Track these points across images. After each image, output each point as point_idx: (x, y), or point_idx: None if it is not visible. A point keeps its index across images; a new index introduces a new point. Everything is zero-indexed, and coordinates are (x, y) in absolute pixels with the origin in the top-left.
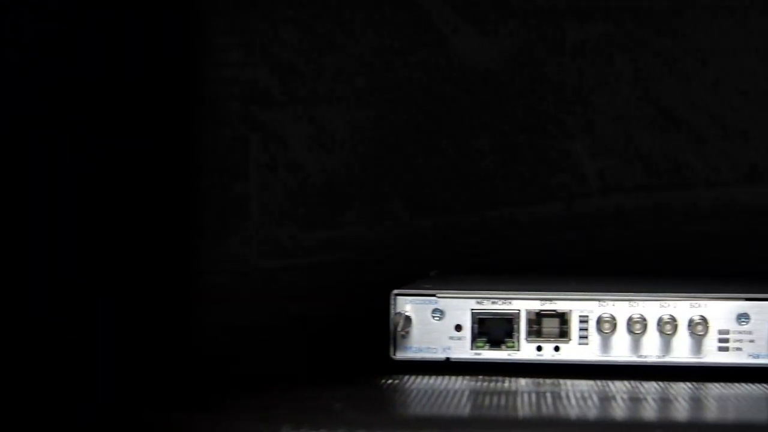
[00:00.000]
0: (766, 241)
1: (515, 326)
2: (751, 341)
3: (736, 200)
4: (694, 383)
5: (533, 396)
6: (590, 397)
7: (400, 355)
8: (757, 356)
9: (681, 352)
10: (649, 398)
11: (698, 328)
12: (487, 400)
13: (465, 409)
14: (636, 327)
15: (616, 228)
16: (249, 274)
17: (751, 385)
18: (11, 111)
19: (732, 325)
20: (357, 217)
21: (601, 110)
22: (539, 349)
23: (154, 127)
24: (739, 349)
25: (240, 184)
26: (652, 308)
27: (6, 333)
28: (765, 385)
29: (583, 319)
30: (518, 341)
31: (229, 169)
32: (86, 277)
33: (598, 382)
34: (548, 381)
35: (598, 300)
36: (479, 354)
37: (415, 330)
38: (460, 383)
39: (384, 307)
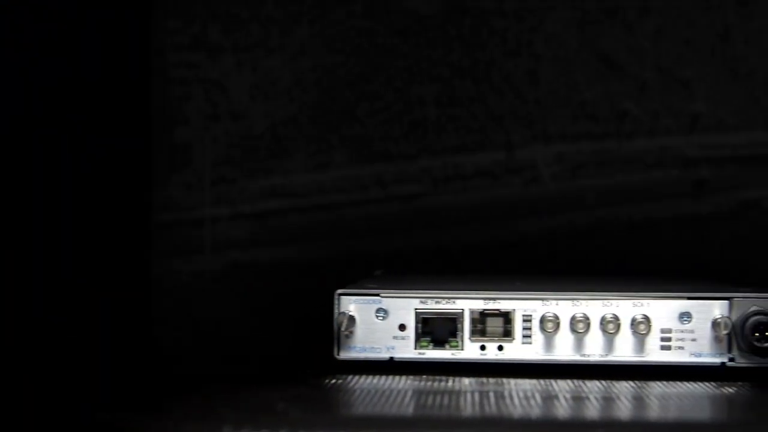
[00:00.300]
0: (706, 191)
1: (459, 326)
2: (693, 340)
3: (677, 149)
4: (637, 382)
5: (476, 395)
6: (533, 396)
7: (344, 355)
8: (699, 355)
9: (624, 351)
10: (591, 397)
11: (641, 327)
12: (430, 400)
13: (408, 409)
14: (579, 326)
15: (557, 176)
16: (194, 221)
17: (692, 383)
18: (11, 111)
19: (674, 324)
20: (300, 165)
21: (543, 58)
22: (483, 348)
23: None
24: (681, 348)
25: (182, 132)
26: (594, 307)
27: (6, 333)
28: (707, 383)
29: (527, 319)
30: (462, 341)
31: (172, 117)
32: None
33: (542, 381)
34: (492, 380)
35: (542, 299)
36: (423, 353)
37: (359, 330)
38: (404, 383)
39: (327, 257)
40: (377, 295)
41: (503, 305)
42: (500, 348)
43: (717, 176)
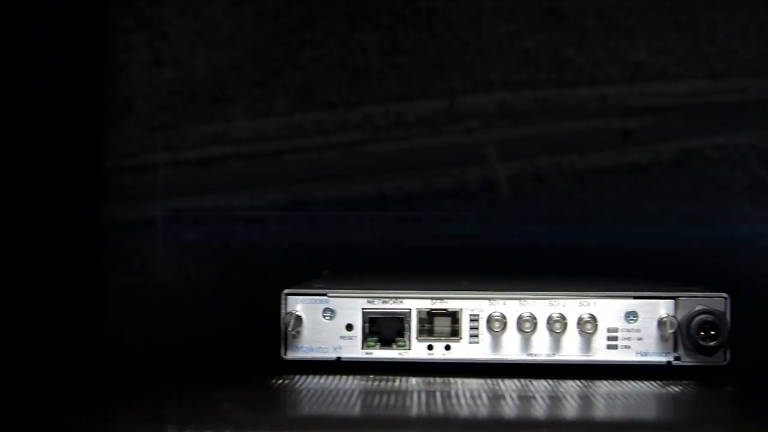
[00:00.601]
0: (645, 139)
1: (406, 325)
2: (639, 339)
3: (619, 98)
4: (583, 381)
5: (423, 395)
6: (480, 395)
7: (291, 355)
8: (645, 354)
9: (570, 350)
10: (538, 396)
11: (587, 326)
12: (377, 400)
13: (355, 409)
14: (526, 325)
15: (499, 124)
16: (137, 168)
17: (638, 382)
18: (11, 111)
19: (620, 324)
20: (242, 112)
21: (486, 6)
22: (430, 348)
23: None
24: (627, 347)
25: (124, 79)
26: (541, 307)
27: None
28: (652, 382)
29: (474, 318)
30: (409, 340)
31: (113, 64)
32: None
33: (489, 381)
34: (439, 380)
35: (489, 299)
36: (370, 353)
37: (306, 330)
38: (351, 383)
39: (269, 204)
40: (324, 295)
41: (450, 305)
42: (447, 347)
43: (659, 125)
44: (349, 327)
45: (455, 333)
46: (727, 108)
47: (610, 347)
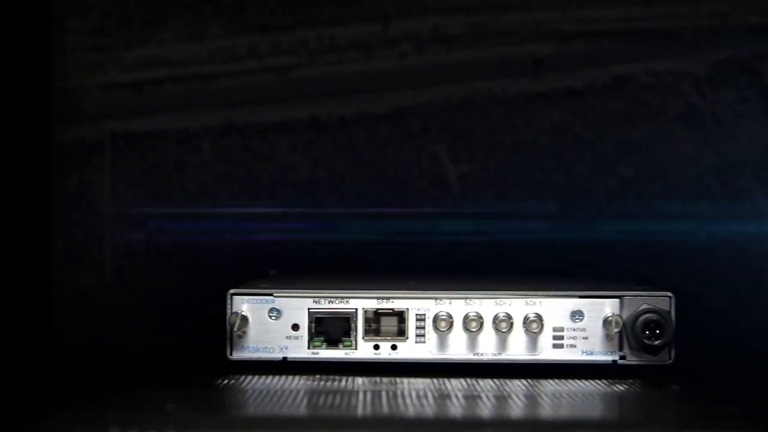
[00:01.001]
0: (579, 65)
1: (352, 325)
2: (585, 338)
3: (553, 23)
4: (530, 380)
5: (370, 395)
6: (426, 395)
7: (237, 355)
8: (591, 353)
9: (516, 350)
10: (484, 396)
11: (533, 325)
12: (323, 400)
13: (300, 409)
14: (472, 325)
15: (432, 48)
16: (69, 91)
17: (584, 381)
18: (11, 111)
19: (566, 323)
20: (175, 35)
21: None
22: (376, 347)
23: None
24: (573, 346)
25: (56, 2)
26: (487, 306)
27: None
28: (598, 381)
29: (420, 318)
30: (355, 340)
31: None
32: None
33: (435, 381)
34: (385, 380)
35: (435, 298)
36: (316, 353)
37: (252, 330)
38: (297, 383)
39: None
40: (270, 294)
41: (397, 304)
42: (394, 347)
43: (592, 50)
44: (296, 327)
45: (401, 333)
46: (661, 34)
47: (556, 346)
